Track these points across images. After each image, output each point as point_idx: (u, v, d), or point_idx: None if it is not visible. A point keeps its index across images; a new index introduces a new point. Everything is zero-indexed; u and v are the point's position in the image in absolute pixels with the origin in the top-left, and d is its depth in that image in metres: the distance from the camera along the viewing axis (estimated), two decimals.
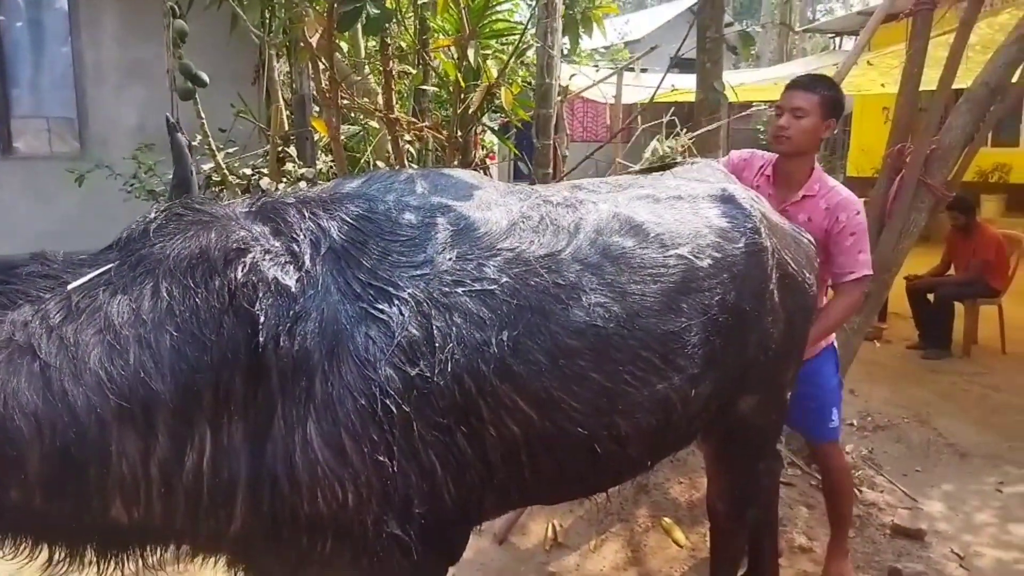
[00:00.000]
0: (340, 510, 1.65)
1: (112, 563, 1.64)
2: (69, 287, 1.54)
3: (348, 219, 1.83)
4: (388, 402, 1.69)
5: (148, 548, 1.69)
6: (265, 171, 5.39)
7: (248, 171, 5.43)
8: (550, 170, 4.47)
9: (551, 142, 4.63)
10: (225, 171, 5.13)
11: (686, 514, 3.82)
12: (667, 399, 2.06)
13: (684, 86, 6.50)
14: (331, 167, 5.71)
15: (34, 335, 1.46)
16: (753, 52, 16.42)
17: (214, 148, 4.96)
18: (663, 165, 2.86)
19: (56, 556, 1.59)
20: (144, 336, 1.52)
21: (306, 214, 1.80)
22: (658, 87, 5.31)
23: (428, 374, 1.74)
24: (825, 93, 2.85)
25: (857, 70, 6.69)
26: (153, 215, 1.72)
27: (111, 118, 7.38)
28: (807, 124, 2.83)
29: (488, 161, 8.43)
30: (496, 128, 6.27)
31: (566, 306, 1.93)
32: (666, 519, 3.76)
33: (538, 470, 1.96)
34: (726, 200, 2.40)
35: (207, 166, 5.26)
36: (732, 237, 2.28)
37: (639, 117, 6.91)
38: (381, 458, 1.68)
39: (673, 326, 2.05)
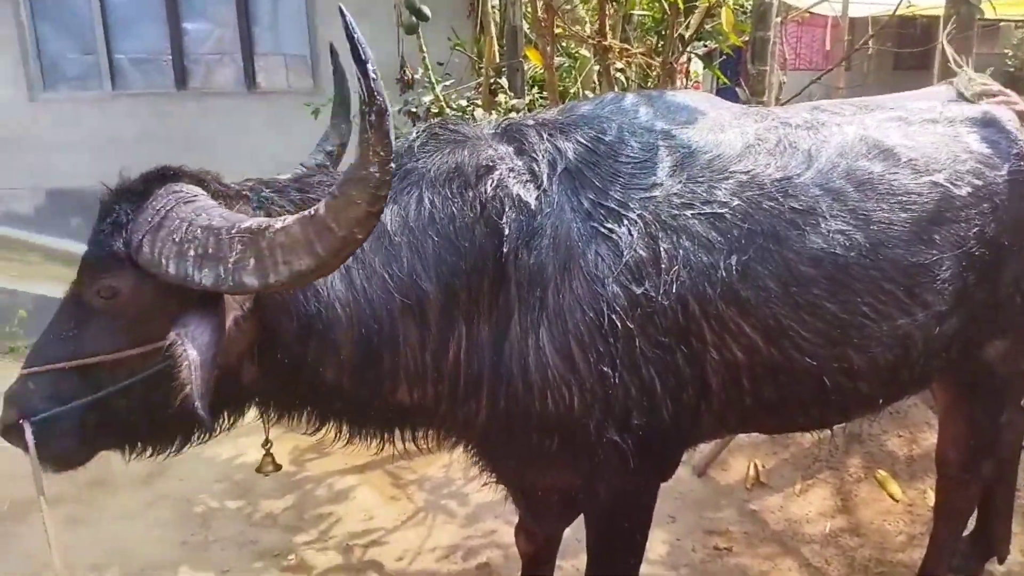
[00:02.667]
0: (566, 412, 1.76)
1: (389, 440, 1.90)
2: None
3: (582, 141, 1.88)
4: (614, 317, 1.75)
5: (419, 430, 1.94)
6: (479, 103, 5.57)
7: (463, 103, 5.64)
8: (766, 99, 4.22)
9: (768, 68, 4.36)
10: (442, 103, 5.38)
11: (904, 468, 3.60)
12: (908, 336, 1.94)
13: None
14: (540, 98, 5.78)
15: None
16: None
17: (433, 81, 5.20)
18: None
19: (344, 433, 1.88)
20: (412, 242, 1.71)
21: (544, 136, 1.87)
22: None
23: (653, 294, 1.78)
24: None
25: None
26: (415, 134, 1.88)
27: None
28: None
29: (694, 90, 8.11)
30: (702, 56, 6.00)
31: (802, 232, 1.86)
32: (881, 471, 3.56)
33: (760, 398, 1.95)
34: (988, 123, 2.16)
35: (426, 99, 5.53)
36: (994, 163, 2.06)
37: (858, 39, 6.24)
38: (605, 368, 1.76)
39: (922, 258, 1.91)
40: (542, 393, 1.74)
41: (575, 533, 2.86)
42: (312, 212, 1.39)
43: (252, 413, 1.89)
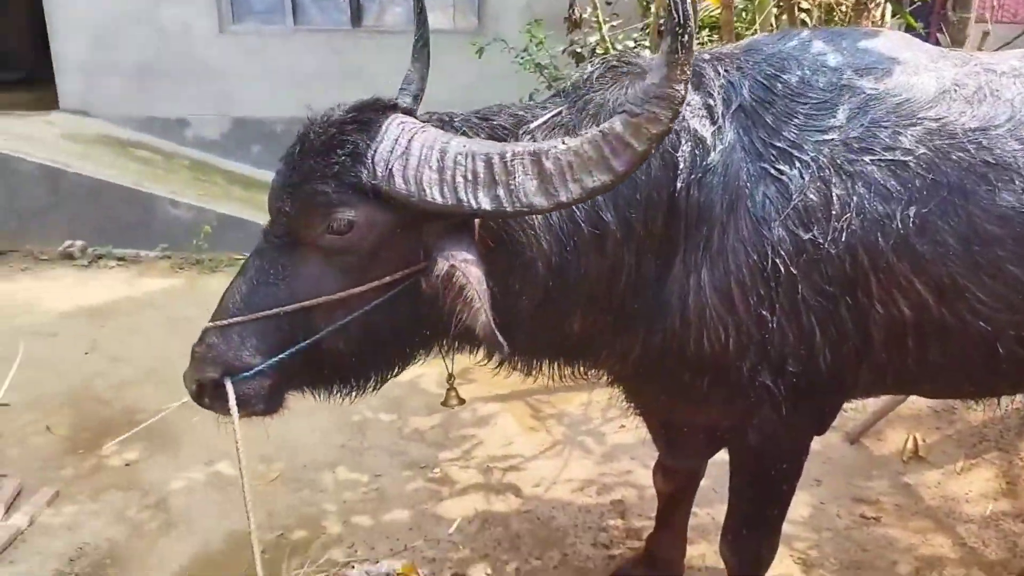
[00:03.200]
0: (721, 353, 1.76)
1: (543, 370, 1.95)
2: (531, 126, 1.76)
3: (759, 78, 1.81)
4: (777, 261, 1.71)
5: (576, 360, 1.97)
6: (646, 44, 5.44)
7: (630, 43, 5.53)
8: (966, 50, 3.84)
9: (971, 15, 3.95)
10: (608, 44, 5.30)
11: None
12: None
13: None
14: (711, 41, 5.55)
15: None
16: None
17: (601, 20, 5.13)
18: None
19: (511, 362, 1.92)
20: None
21: (720, 71, 1.82)
22: None
23: (820, 240, 1.71)
24: None
25: None
26: (592, 67, 1.88)
27: None
28: None
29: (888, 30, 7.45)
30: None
31: (993, 188, 1.72)
32: None
33: (923, 359, 1.84)
34: None
35: (592, 39, 5.47)
36: None
37: None
38: (764, 312, 1.73)
39: None
40: (698, 331, 1.74)
41: (713, 483, 2.87)
42: (605, 130, 1.42)
43: None
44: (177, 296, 5.42)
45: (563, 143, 1.46)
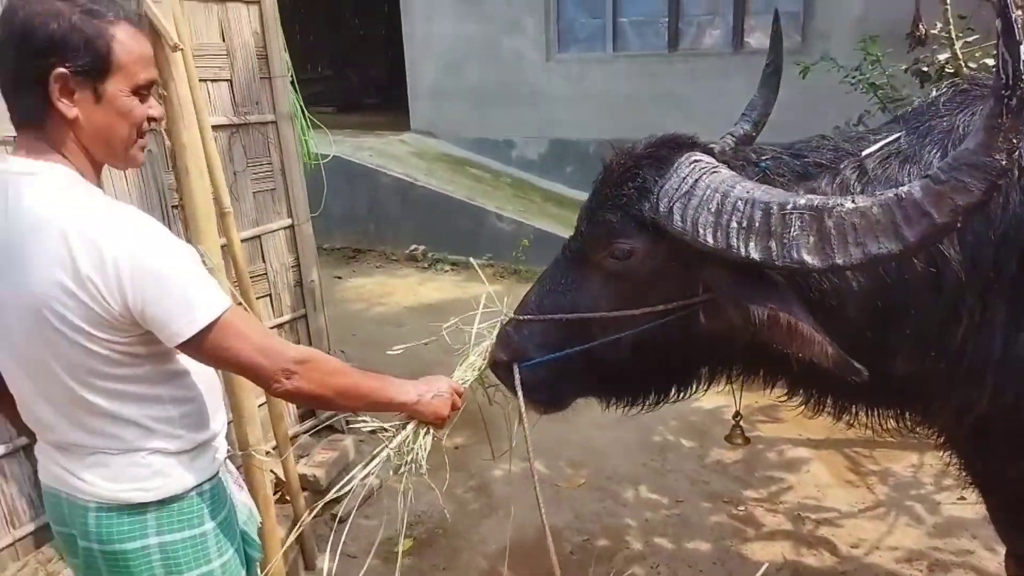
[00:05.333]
0: None
1: (861, 415, 1.82)
2: (865, 152, 1.64)
3: None
4: None
5: (899, 409, 1.82)
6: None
7: (989, 62, 4.90)
8: None
9: None
10: (960, 62, 4.74)
11: None
12: None
13: None
14: None
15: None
16: None
17: (953, 36, 4.61)
18: None
19: (819, 402, 1.83)
20: None
21: None
22: None
23: None
24: None
25: None
26: (939, 91, 1.72)
27: (835, 10, 7.50)
28: None
29: None
30: None
31: None
32: None
33: None
34: None
35: (942, 56, 4.94)
36: None
37: None
38: None
39: None
40: None
41: None
42: (901, 194, 1.32)
43: None
44: (496, 301, 5.93)
45: (851, 201, 1.36)
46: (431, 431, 1.78)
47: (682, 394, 1.89)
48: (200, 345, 1.33)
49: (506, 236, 6.94)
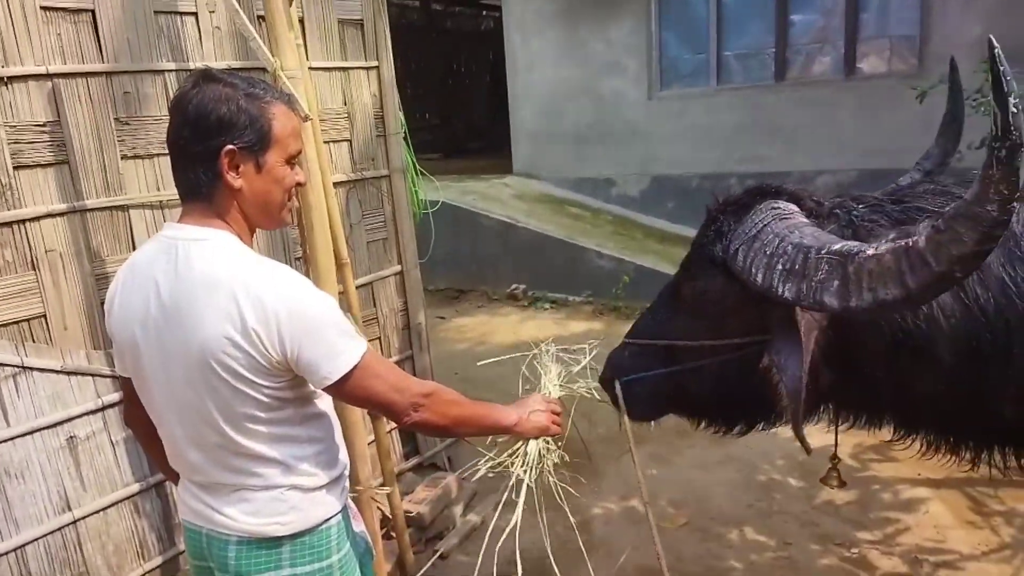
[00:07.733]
0: None
1: (979, 457, 1.78)
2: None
3: None
4: None
5: (1010, 450, 1.76)
6: None
7: None
8: None
9: None
10: None
11: None
12: None
13: None
14: None
15: None
16: None
17: None
18: None
19: (931, 443, 1.81)
20: None
21: None
22: None
23: None
24: None
25: None
26: None
27: (952, 33, 7.22)
28: None
29: None
30: None
31: None
32: None
33: None
34: None
35: None
36: None
37: None
38: None
39: None
40: None
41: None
42: (909, 243, 1.35)
43: None
44: (596, 337, 6.00)
45: (872, 248, 1.40)
46: (549, 442, 2.03)
47: (768, 427, 1.99)
48: (343, 386, 1.48)
49: (606, 273, 7.00)
